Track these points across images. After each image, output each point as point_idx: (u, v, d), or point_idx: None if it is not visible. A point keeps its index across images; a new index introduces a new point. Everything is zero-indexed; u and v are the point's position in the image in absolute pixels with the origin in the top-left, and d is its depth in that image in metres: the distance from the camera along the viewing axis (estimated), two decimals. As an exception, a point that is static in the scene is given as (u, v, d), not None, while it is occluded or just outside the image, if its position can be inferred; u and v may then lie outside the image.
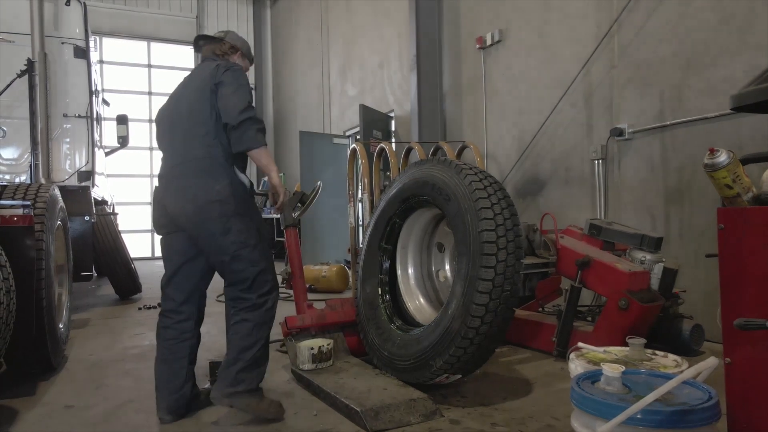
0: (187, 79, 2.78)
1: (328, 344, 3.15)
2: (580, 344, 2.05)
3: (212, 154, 2.51)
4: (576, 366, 1.95)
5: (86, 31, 6.09)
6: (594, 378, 1.67)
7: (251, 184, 2.70)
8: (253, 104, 2.59)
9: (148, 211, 13.67)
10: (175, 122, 2.67)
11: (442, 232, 3.28)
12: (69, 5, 6.00)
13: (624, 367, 1.61)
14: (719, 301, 1.65)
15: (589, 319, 4.02)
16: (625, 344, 2.24)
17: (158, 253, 13.01)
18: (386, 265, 3.23)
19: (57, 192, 3.91)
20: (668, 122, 4.20)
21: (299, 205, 3.49)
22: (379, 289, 3.14)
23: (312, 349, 3.08)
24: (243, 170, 2.65)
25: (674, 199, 4.20)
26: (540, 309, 4.44)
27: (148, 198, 13.73)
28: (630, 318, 3.18)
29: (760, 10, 3.59)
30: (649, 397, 1.37)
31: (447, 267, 3.28)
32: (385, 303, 3.13)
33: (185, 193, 2.51)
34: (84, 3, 6.16)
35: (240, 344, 2.50)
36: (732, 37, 3.78)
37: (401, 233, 3.25)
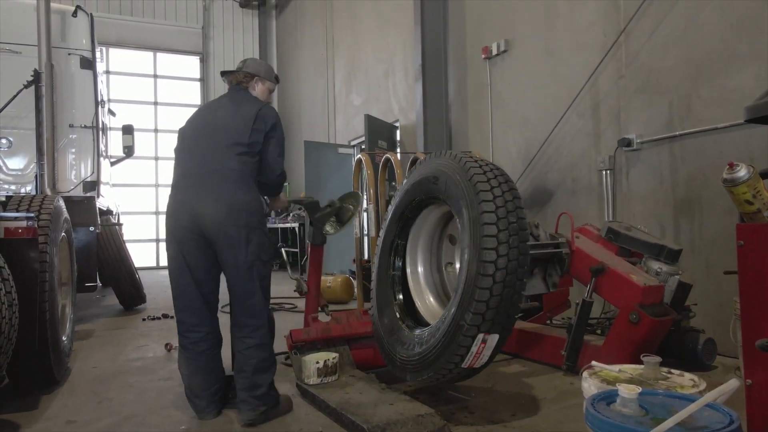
0: (221, 102, 2.98)
1: (333, 358, 3.10)
2: (593, 363, 1.99)
3: (244, 170, 2.75)
4: (589, 385, 1.90)
5: (93, 42, 6.12)
6: (609, 399, 1.61)
7: (267, 204, 2.93)
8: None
9: (152, 220, 13.70)
10: (207, 135, 2.82)
11: (450, 250, 3.20)
12: (76, 16, 6.04)
13: (640, 388, 1.56)
14: (732, 314, 1.60)
15: (599, 332, 3.96)
16: (638, 359, 2.18)
17: (163, 262, 13.14)
18: (400, 293, 3.09)
19: (61, 203, 3.89)
20: (677, 132, 4.16)
21: (333, 220, 3.18)
22: (397, 314, 3.00)
23: (317, 362, 3.04)
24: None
25: (684, 210, 4.14)
26: (548, 321, 4.38)
27: (153, 207, 13.77)
28: (640, 332, 3.12)
29: (770, 19, 3.56)
30: (670, 422, 1.32)
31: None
32: (406, 324, 2.96)
33: (220, 197, 2.66)
34: (91, 14, 6.20)
35: (258, 366, 2.70)
36: (742, 46, 3.74)
37: (406, 256, 3.14)
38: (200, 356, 2.74)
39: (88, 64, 6.03)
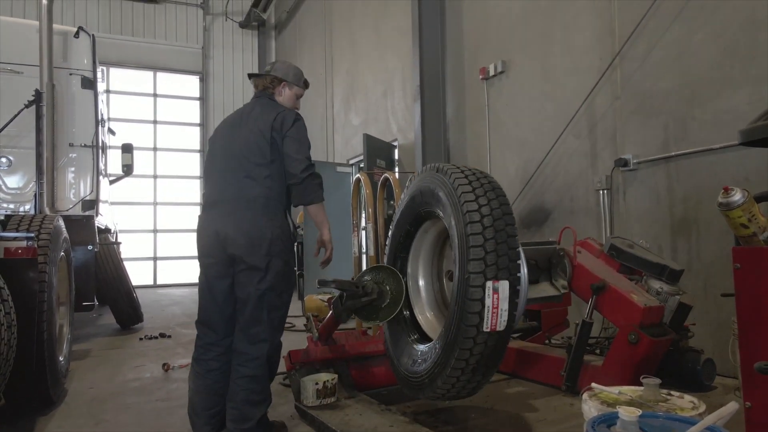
0: (243, 115, 2.85)
1: (332, 379, 3.09)
2: (593, 384, 1.99)
3: (269, 195, 2.69)
4: (589, 407, 1.90)
5: (94, 62, 6.18)
6: (609, 421, 1.61)
7: (294, 228, 2.80)
8: (311, 158, 2.78)
9: (150, 238, 13.67)
10: (231, 158, 2.76)
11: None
12: (78, 37, 6.11)
13: (640, 410, 1.56)
14: (731, 334, 1.61)
15: (598, 352, 3.96)
16: (637, 379, 2.18)
17: (160, 281, 13.11)
18: (414, 333, 2.98)
19: (61, 223, 3.90)
20: (673, 153, 4.20)
21: (367, 310, 2.84)
22: (413, 349, 2.88)
23: (316, 384, 3.02)
24: (289, 213, 2.81)
25: (681, 230, 4.17)
26: (546, 341, 4.36)
27: (152, 226, 13.75)
28: (639, 352, 3.12)
29: (763, 42, 3.62)
30: (670, 445, 1.32)
31: None
32: (419, 344, 2.89)
33: (241, 227, 2.63)
34: (93, 35, 6.26)
35: (248, 398, 2.61)
36: (735, 69, 3.80)
37: (411, 305, 3.05)
38: (208, 374, 2.70)
39: (89, 84, 6.09)
